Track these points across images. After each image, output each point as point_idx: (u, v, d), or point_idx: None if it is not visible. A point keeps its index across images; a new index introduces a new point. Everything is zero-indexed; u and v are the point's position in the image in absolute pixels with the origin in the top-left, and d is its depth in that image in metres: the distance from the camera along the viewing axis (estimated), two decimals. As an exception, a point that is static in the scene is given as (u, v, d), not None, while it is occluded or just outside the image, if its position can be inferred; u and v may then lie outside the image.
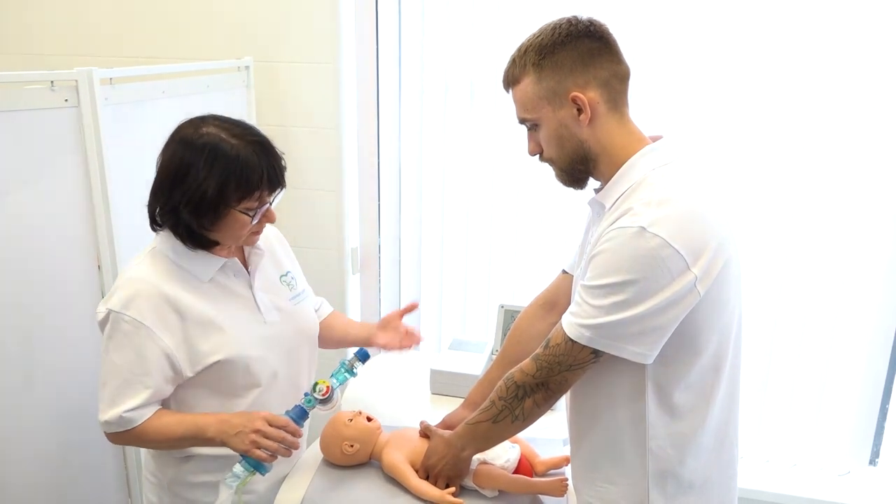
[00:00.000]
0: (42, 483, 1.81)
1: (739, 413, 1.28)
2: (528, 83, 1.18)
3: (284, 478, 1.48)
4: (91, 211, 1.78)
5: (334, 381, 1.41)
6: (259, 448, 1.28)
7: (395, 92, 2.45)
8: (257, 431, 1.28)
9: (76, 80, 1.69)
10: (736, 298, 1.19)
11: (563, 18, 1.17)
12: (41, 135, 1.67)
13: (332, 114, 2.39)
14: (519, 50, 1.19)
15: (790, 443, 2.36)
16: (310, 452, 1.56)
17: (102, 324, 1.32)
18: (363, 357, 1.46)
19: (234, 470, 1.30)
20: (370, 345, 1.61)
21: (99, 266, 1.82)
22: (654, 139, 1.21)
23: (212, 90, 2.17)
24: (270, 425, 1.30)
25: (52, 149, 1.70)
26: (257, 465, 1.30)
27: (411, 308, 1.67)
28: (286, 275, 1.52)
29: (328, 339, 1.66)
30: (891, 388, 2.26)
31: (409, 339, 1.65)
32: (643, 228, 1.07)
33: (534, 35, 1.19)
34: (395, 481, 1.44)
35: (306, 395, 1.39)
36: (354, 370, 1.46)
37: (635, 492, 1.22)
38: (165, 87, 1.99)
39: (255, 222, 1.33)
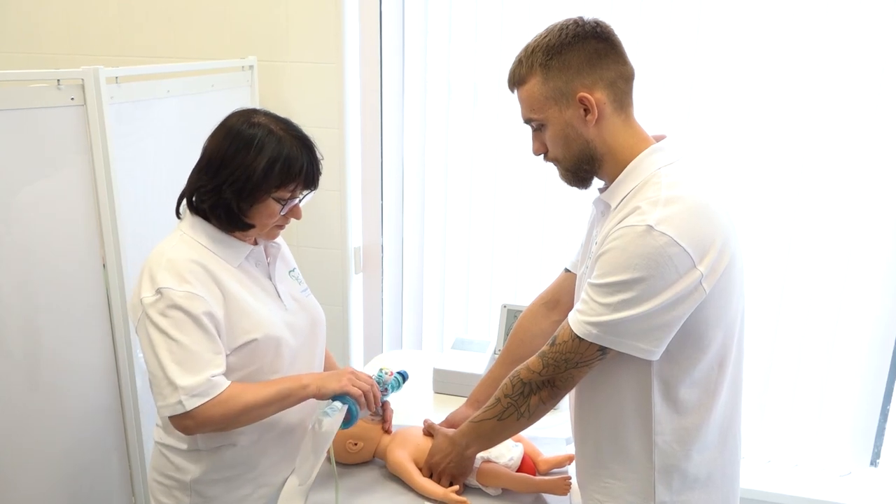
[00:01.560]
0: (46, 480, 1.81)
1: (742, 409, 1.29)
2: (534, 83, 1.18)
3: (289, 475, 1.49)
4: (96, 209, 1.79)
5: (390, 387, 1.50)
6: (353, 386, 1.36)
7: (398, 92, 2.46)
8: (351, 374, 1.39)
9: (82, 79, 1.70)
10: (739, 295, 1.20)
11: (570, 19, 1.18)
12: (47, 133, 1.68)
13: (335, 113, 2.40)
14: (525, 50, 1.20)
15: (791, 443, 2.37)
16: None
17: (154, 305, 1.27)
18: (406, 378, 1.55)
19: (333, 404, 1.34)
20: None
21: (104, 264, 1.83)
22: (658, 138, 1.21)
23: (216, 89, 2.18)
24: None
25: (57, 147, 1.70)
26: (350, 406, 1.35)
27: None
28: (293, 270, 1.57)
29: None
30: (892, 389, 2.26)
31: None
32: (651, 227, 1.08)
33: (540, 35, 1.19)
34: (399, 479, 1.45)
35: (386, 382, 1.48)
36: (401, 386, 1.54)
37: (641, 487, 1.23)
38: (170, 86, 2.00)
39: (282, 213, 1.38)
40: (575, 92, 1.15)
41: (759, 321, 2.26)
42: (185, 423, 1.27)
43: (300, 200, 1.41)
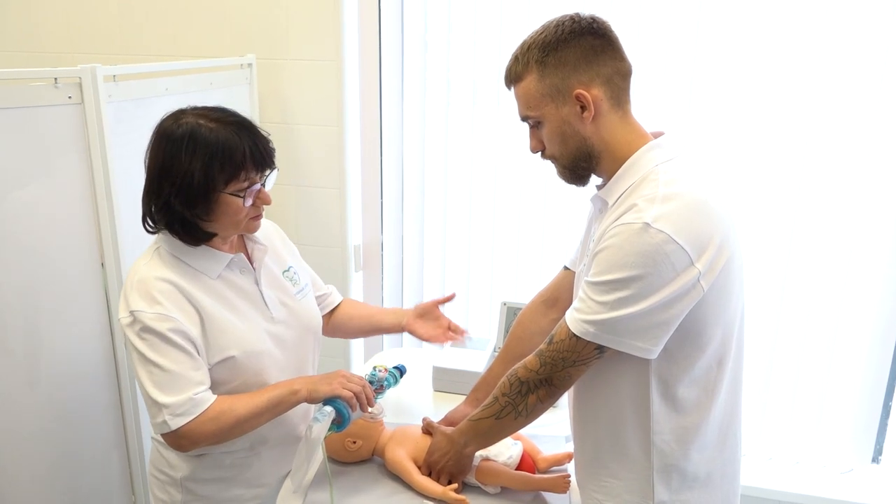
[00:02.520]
0: (46, 478, 1.82)
1: (742, 408, 1.28)
2: (531, 80, 1.17)
3: (288, 474, 1.49)
4: (94, 208, 1.78)
5: (386, 384, 1.49)
6: (345, 389, 1.33)
7: (397, 89, 2.45)
8: (343, 377, 1.35)
9: (80, 78, 1.69)
10: (739, 293, 1.20)
11: (566, 16, 1.17)
12: (45, 132, 1.68)
13: (334, 111, 2.40)
14: (521, 47, 1.19)
15: (793, 441, 2.36)
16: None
17: (130, 327, 1.27)
18: (403, 373, 1.54)
19: (324, 409, 1.33)
20: (404, 331, 1.65)
21: (102, 263, 1.83)
22: (656, 135, 1.21)
23: (215, 87, 2.18)
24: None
25: (55, 146, 1.70)
26: (341, 409, 1.33)
27: (450, 298, 1.70)
28: (288, 270, 1.52)
29: (348, 328, 1.68)
30: (893, 385, 2.25)
31: (454, 333, 1.66)
32: (647, 224, 1.07)
33: (536, 32, 1.18)
34: (397, 478, 1.44)
35: (381, 380, 1.47)
36: (398, 381, 1.53)
37: (640, 486, 1.22)
38: (169, 85, 2.00)
39: (248, 204, 1.31)
40: (571, 89, 1.15)
41: (760, 318, 2.26)
42: (179, 442, 1.27)
43: (262, 184, 1.33)
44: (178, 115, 1.31)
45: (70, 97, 1.69)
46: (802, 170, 2.14)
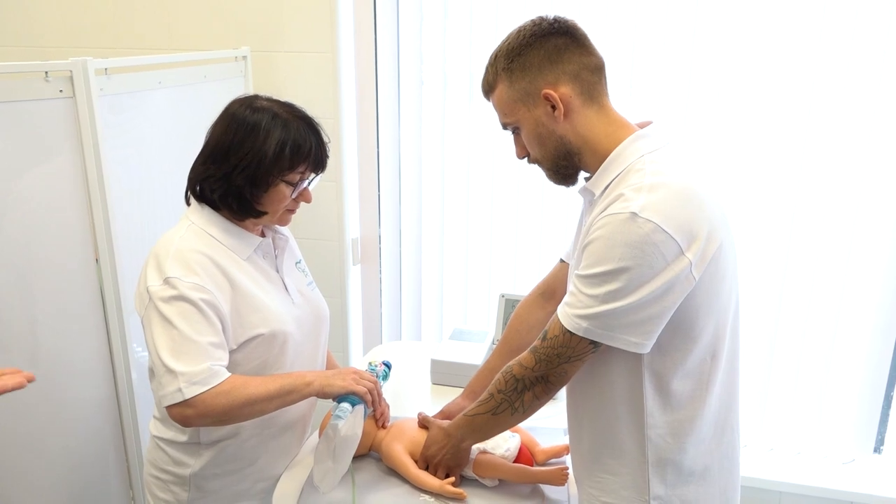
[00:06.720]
0: (44, 475, 1.81)
1: (740, 400, 1.27)
2: (502, 89, 1.20)
3: (285, 469, 1.48)
4: (88, 203, 1.77)
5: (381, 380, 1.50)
6: (358, 385, 1.36)
7: (393, 82, 2.44)
8: (355, 373, 1.39)
9: (71, 71, 1.67)
10: (732, 283, 1.18)
11: (528, 21, 1.19)
12: (36, 126, 1.66)
13: (330, 104, 2.38)
14: (490, 58, 1.22)
15: (794, 431, 2.35)
16: (309, 444, 1.56)
17: (160, 293, 1.25)
18: (390, 367, 1.57)
19: (341, 406, 1.34)
20: None
21: (97, 259, 1.82)
22: (643, 125, 1.19)
23: (209, 80, 2.16)
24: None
25: (47, 140, 1.68)
26: (355, 403, 1.35)
27: None
28: (300, 262, 1.56)
29: None
30: (895, 375, 2.24)
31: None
32: (635, 214, 1.05)
33: (503, 41, 1.21)
34: (395, 472, 1.44)
35: (378, 375, 1.50)
36: (388, 377, 1.56)
37: (636, 481, 1.21)
38: (162, 78, 1.98)
39: (292, 196, 1.37)
40: (539, 90, 1.16)
41: (761, 309, 2.23)
42: (185, 412, 1.24)
43: (309, 183, 1.39)
44: (252, 100, 1.37)
45: (61, 91, 1.67)
46: (802, 162, 2.12)
